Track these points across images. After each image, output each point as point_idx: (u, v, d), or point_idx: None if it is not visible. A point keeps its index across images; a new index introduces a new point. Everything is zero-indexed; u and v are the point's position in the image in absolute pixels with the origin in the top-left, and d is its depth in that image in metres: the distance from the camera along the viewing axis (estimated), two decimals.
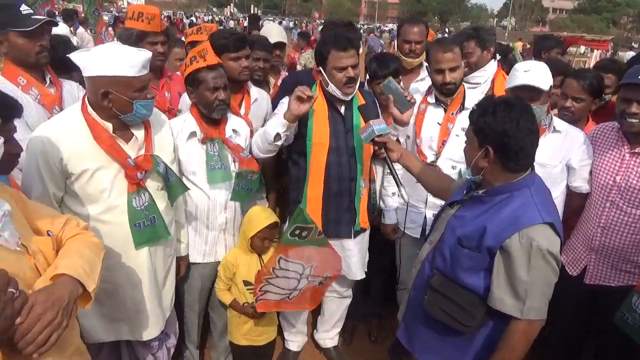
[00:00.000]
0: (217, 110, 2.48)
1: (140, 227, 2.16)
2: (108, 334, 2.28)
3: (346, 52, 2.51)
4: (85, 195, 2.07)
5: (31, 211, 1.56)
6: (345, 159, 2.69)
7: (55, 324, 1.26)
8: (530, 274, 1.75)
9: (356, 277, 2.93)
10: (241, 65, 2.81)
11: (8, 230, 1.32)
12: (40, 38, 2.46)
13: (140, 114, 2.06)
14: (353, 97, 2.69)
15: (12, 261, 1.30)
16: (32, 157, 1.99)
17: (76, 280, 1.40)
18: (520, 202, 1.82)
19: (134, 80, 1.96)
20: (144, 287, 2.24)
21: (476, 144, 1.84)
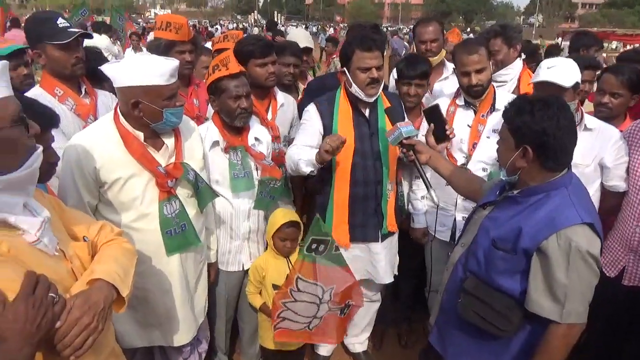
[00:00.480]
0: (239, 118, 2.49)
1: (172, 234, 2.19)
2: (141, 340, 2.32)
3: (371, 53, 2.50)
4: (118, 203, 2.12)
5: (68, 217, 1.61)
6: (370, 162, 2.68)
7: (92, 328, 1.30)
8: (569, 276, 1.69)
9: (384, 281, 2.90)
10: (268, 71, 2.83)
11: (47, 236, 1.36)
12: (75, 50, 2.53)
13: (170, 122, 2.09)
14: (378, 100, 2.68)
15: (51, 266, 1.34)
16: (67, 166, 2.05)
17: (111, 285, 1.43)
18: (557, 202, 1.76)
19: (163, 89, 1.99)
20: (175, 294, 2.27)
21: (512, 144, 1.79)
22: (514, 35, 3.48)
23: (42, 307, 1.17)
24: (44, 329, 1.17)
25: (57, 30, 2.47)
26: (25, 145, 1.28)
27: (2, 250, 1.22)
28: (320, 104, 2.71)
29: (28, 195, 1.35)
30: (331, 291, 2.41)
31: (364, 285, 3.01)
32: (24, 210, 1.32)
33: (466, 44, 2.77)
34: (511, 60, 3.49)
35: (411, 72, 2.96)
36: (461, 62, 2.68)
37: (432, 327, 2.26)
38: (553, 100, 1.76)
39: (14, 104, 1.25)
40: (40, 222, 1.34)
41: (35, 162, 1.31)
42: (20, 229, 1.29)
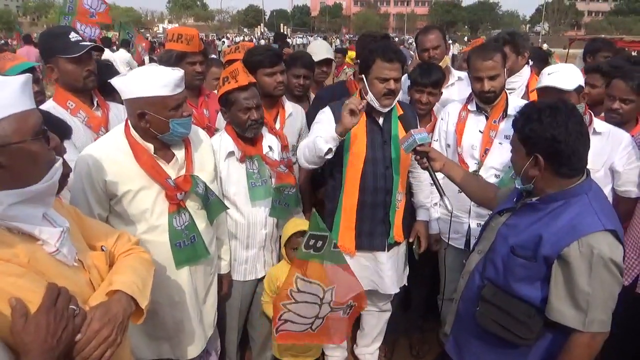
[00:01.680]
0: (250, 129, 2.49)
1: (181, 247, 2.18)
2: (151, 352, 2.31)
3: (391, 64, 2.50)
4: (127, 215, 2.12)
5: (86, 227, 1.62)
6: (381, 170, 2.67)
7: (110, 341, 1.30)
8: (591, 284, 1.67)
9: (390, 291, 2.87)
10: (276, 80, 2.85)
11: (67, 246, 1.37)
12: (87, 63, 2.56)
13: (177, 133, 2.08)
14: (392, 109, 2.68)
15: (70, 276, 1.35)
16: (77, 178, 2.06)
17: (130, 297, 1.44)
18: (578, 209, 1.74)
19: (168, 100, 1.99)
20: (184, 306, 2.26)
21: (523, 153, 1.79)
22: (522, 43, 3.48)
23: (63, 319, 1.17)
24: (65, 341, 1.18)
25: (69, 44, 2.51)
26: (46, 157, 1.29)
27: (22, 261, 1.23)
28: (336, 108, 2.70)
29: (47, 206, 1.36)
30: (332, 291, 2.35)
31: (374, 295, 3.00)
32: (43, 220, 1.33)
33: (481, 50, 2.75)
34: (519, 67, 3.50)
35: (425, 80, 2.96)
36: (475, 67, 2.67)
37: (448, 337, 2.23)
38: (561, 105, 1.74)
39: (36, 116, 1.26)
40: (60, 232, 1.35)
41: (55, 175, 1.33)
42: (39, 239, 1.30)
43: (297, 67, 3.32)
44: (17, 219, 1.25)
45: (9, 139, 1.19)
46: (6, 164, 1.20)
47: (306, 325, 2.41)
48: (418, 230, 2.95)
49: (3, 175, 1.20)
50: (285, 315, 2.33)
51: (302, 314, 2.35)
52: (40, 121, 1.27)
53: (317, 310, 2.37)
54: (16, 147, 1.20)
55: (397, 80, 2.54)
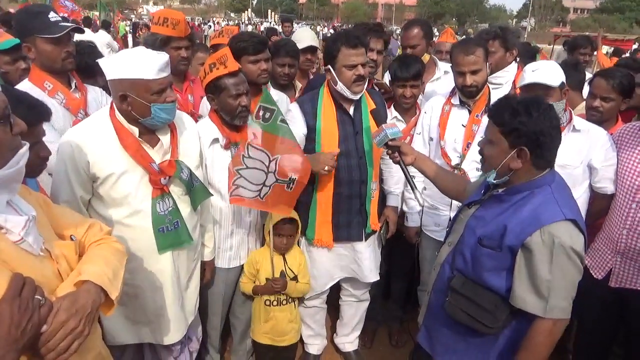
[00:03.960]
0: (240, 116, 2.47)
1: (164, 232, 2.17)
2: (131, 336, 2.30)
3: (356, 50, 2.49)
4: (110, 199, 2.10)
5: (55, 215, 1.56)
6: (355, 162, 2.67)
7: (78, 332, 1.27)
8: (553, 272, 1.73)
9: (369, 279, 2.91)
10: (260, 68, 2.82)
11: (32, 235, 1.31)
12: (66, 44, 2.50)
13: (159, 118, 2.05)
14: (362, 98, 2.68)
15: (35, 266, 1.30)
16: (60, 160, 2.03)
17: (99, 288, 1.40)
18: (540, 199, 1.80)
19: (151, 83, 1.96)
20: (166, 291, 2.25)
21: (505, 146, 1.81)
22: (512, 39, 3.50)
23: (28, 310, 1.13)
24: (30, 333, 1.14)
25: (48, 23, 2.44)
26: (9, 143, 1.23)
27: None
28: (303, 103, 2.71)
29: (12, 193, 1.30)
30: (276, 161, 2.43)
31: (352, 285, 3.03)
32: (7, 207, 1.28)
33: (463, 44, 2.77)
34: (506, 63, 3.52)
35: (405, 74, 2.96)
36: (457, 62, 2.69)
37: (421, 327, 2.28)
38: (541, 100, 1.81)
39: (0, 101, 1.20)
40: (25, 220, 1.29)
41: (20, 161, 1.27)
42: (2, 227, 1.24)
43: (281, 56, 3.28)
44: None
45: None
46: None
47: (255, 192, 2.47)
48: (387, 216, 2.96)
49: None
50: (238, 180, 2.42)
51: (251, 180, 2.43)
52: (4, 105, 1.21)
53: (264, 178, 2.42)
54: None
55: (365, 65, 2.54)
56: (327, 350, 3.32)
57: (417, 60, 3.09)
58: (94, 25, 10.08)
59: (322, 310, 3.13)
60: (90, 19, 10.98)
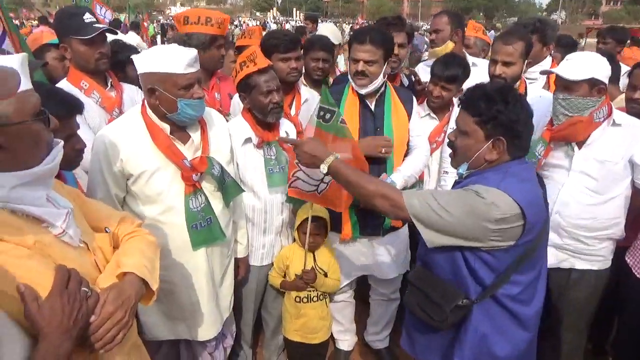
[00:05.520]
0: (272, 113, 2.47)
1: (197, 229, 2.18)
2: (167, 332, 2.33)
3: (362, 45, 2.49)
4: (144, 196, 2.12)
5: (89, 208, 1.60)
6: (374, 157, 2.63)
7: (123, 323, 1.30)
8: (457, 193, 1.72)
9: (387, 276, 2.87)
10: (290, 66, 2.82)
11: (72, 228, 1.35)
12: (100, 45, 2.55)
13: (185, 114, 2.05)
14: (386, 94, 2.66)
15: (75, 258, 1.33)
16: (95, 158, 2.06)
17: (141, 279, 1.43)
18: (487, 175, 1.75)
19: (179, 78, 1.97)
20: (201, 288, 2.27)
21: (481, 136, 1.73)
22: (550, 34, 3.42)
23: (76, 301, 1.17)
24: (80, 323, 1.17)
25: (83, 25, 2.50)
26: (46, 140, 1.27)
27: (28, 244, 1.21)
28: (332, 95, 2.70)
29: (49, 188, 1.34)
30: None
31: (380, 284, 3.01)
32: (46, 202, 1.31)
33: (506, 34, 2.73)
34: (541, 58, 3.44)
35: (439, 73, 2.90)
36: (493, 49, 2.68)
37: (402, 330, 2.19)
38: (512, 87, 1.77)
39: (35, 97, 1.23)
40: (65, 214, 1.33)
41: (56, 157, 1.30)
42: (44, 221, 1.28)
43: (315, 51, 3.25)
44: (22, 201, 1.22)
45: (10, 119, 1.16)
46: (6, 145, 1.17)
47: (313, 187, 2.42)
48: None
49: (3, 156, 1.18)
50: (298, 173, 2.38)
51: (310, 174, 2.37)
52: (39, 102, 1.24)
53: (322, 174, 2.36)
54: (17, 128, 1.17)
55: (368, 62, 2.50)
56: (358, 346, 3.30)
57: (460, 64, 2.97)
58: (124, 27, 10.28)
59: (350, 305, 3.12)
60: (120, 21, 11.20)
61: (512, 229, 1.66)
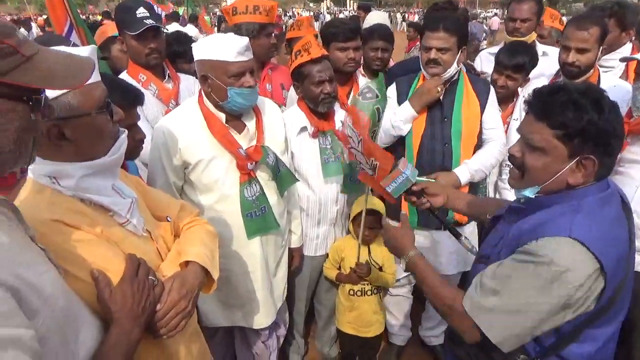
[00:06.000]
0: (323, 103, 2.44)
1: (252, 217, 2.20)
2: (224, 319, 2.36)
3: (434, 33, 2.41)
4: (201, 184, 2.15)
5: (150, 197, 1.64)
6: (439, 147, 2.57)
7: (186, 312, 1.34)
8: (521, 279, 1.31)
9: (447, 271, 2.77)
10: (347, 56, 2.78)
11: (136, 217, 1.39)
12: (151, 40, 2.56)
13: (235, 103, 2.05)
14: (458, 83, 2.57)
15: (139, 246, 1.37)
16: (155, 147, 2.11)
17: (203, 268, 1.46)
18: (559, 210, 1.35)
19: (229, 65, 1.98)
20: (256, 276, 2.28)
21: (564, 154, 1.32)
22: (630, 18, 3.15)
23: (145, 289, 1.22)
24: (147, 310, 1.22)
25: (134, 20, 2.52)
26: (110, 131, 1.30)
27: (96, 232, 1.25)
28: (400, 83, 2.69)
29: (115, 177, 1.38)
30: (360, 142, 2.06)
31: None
32: (112, 191, 1.35)
33: (580, 18, 2.55)
34: (620, 45, 3.19)
35: (505, 61, 2.77)
36: (566, 35, 2.50)
37: None
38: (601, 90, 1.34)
39: (100, 89, 1.26)
40: (129, 203, 1.37)
41: (121, 148, 1.34)
42: (111, 210, 1.32)
43: (374, 40, 3.16)
44: (89, 190, 1.26)
45: (74, 111, 1.19)
46: (71, 137, 1.20)
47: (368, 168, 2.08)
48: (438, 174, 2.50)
49: (68, 148, 1.21)
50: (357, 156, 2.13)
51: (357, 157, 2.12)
52: (104, 95, 1.26)
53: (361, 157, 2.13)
54: (81, 120, 1.20)
55: (441, 49, 2.41)
56: (412, 342, 3.24)
57: (527, 52, 2.81)
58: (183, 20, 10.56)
59: (407, 300, 3.06)
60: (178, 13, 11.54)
61: (591, 289, 1.29)
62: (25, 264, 0.90)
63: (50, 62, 0.92)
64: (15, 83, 0.85)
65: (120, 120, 1.34)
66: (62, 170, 1.22)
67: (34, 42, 0.93)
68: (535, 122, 1.35)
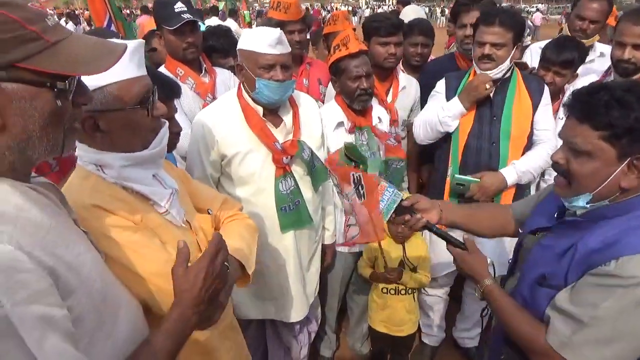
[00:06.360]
0: (359, 99, 2.42)
1: (286, 211, 2.20)
2: (256, 312, 2.38)
3: (490, 27, 2.34)
4: (237, 177, 2.16)
5: (194, 189, 1.66)
6: (486, 146, 2.50)
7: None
8: (610, 307, 1.21)
9: None
10: (388, 51, 2.73)
11: (175, 207, 1.41)
12: (188, 35, 2.58)
13: (263, 94, 2.05)
14: (511, 81, 2.48)
15: (178, 236, 1.37)
16: (194, 139, 2.14)
17: (238, 262, 1.47)
18: (634, 223, 1.27)
19: (259, 57, 2.00)
20: (289, 270, 2.28)
21: (612, 156, 1.25)
22: None
23: (217, 276, 1.21)
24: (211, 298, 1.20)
25: (172, 15, 2.55)
26: (148, 126, 1.30)
27: (136, 219, 1.27)
28: (450, 78, 2.63)
29: (158, 168, 1.40)
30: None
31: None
32: (153, 180, 1.37)
33: (635, 13, 2.41)
34: None
35: (552, 57, 2.65)
36: (621, 31, 2.37)
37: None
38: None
39: (140, 85, 1.25)
40: (169, 194, 1.38)
41: (162, 141, 1.35)
42: (150, 199, 1.34)
43: (414, 35, 3.11)
44: (130, 179, 1.29)
45: (109, 105, 1.20)
46: (105, 129, 1.22)
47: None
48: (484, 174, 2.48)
49: (103, 139, 1.24)
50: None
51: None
52: (145, 89, 1.26)
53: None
54: (114, 114, 1.21)
55: (496, 45, 2.33)
56: (446, 343, 3.18)
57: (575, 47, 2.69)
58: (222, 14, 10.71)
59: (443, 301, 3.01)
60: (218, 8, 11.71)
61: None
62: (64, 245, 0.92)
63: (76, 48, 0.91)
64: (36, 68, 0.85)
65: (162, 115, 1.35)
66: (103, 159, 1.25)
67: (64, 29, 0.93)
68: (577, 125, 1.29)
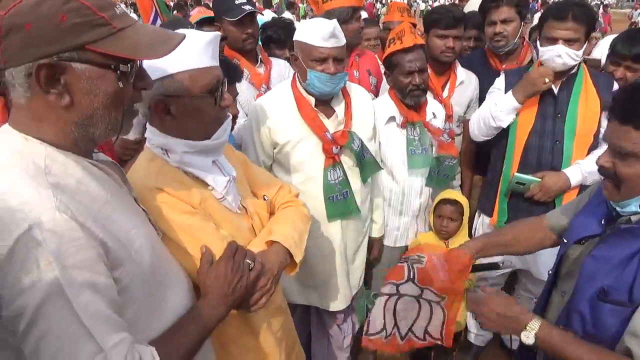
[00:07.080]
0: (411, 95, 2.39)
1: (333, 201, 2.22)
2: (301, 298, 2.41)
3: (562, 22, 2.23)
4: (288, 164, 2.21)
5: (252, 174, 1.73)
6: (548, 145, 2.40)
7: (265, 290, 1.41)
8: None
9: (542, 276, 2.54)
10: (446, 44, 2.68)
11: (232, 194, 1.48)
12: (248, 26, 2.66)
13: (313, 86, 2.08)
14: (577, 77, 2.38)
15: (233, 221, 1.47)
16: (248, 125, 2.23)
17: (286, 250, 1.51)
18: None
19: (312, 49, 2.02)
20: (333, 259, 2.30)
21: None
22: None
23: (239, 271, 1.29)
24: (239, 292, 1.29)
25: (232, 6, 2.63)
26: (213, 115, 1.37)
27: (194, 203, 1.36)
28: (510, 75, 2.55)
29: (218, 155, 1.47)
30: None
31: (530, 279, 2.77)
32: (213, 167, 1.45)
33: None
34: None
35: (624, 51, 2.49)
36: None
37: None
38: None
39: (211, 75, 1.32)
40: (226, 181, 1.45)
41: (225, 133, 1.42)
42: (209, 185, 1.42)
43: (467, 28, 3.03)
44: (192, 165, 1.38)
45: (178, 91, 1.28)
46: (175, 113, 1.31)
47: None
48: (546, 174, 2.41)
49: (171, 122, 1.33)
50: None
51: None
52: (215, 80, 1.33)
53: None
54: (183, 100, 1.30)
55: (569, 41, 2.23)
56: (492, 344, 3.11)
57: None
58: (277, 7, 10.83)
59: None
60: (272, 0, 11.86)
61: None
62: (119, 220, 1.01)
63: (139, 35, 1.00)
64: (103, 51, 0.94)
65: (228, 106, 1.42)
66: (169, 143, 1.35)
67: (130, 17, 1.01)
68: (620, 127, 1.26)
